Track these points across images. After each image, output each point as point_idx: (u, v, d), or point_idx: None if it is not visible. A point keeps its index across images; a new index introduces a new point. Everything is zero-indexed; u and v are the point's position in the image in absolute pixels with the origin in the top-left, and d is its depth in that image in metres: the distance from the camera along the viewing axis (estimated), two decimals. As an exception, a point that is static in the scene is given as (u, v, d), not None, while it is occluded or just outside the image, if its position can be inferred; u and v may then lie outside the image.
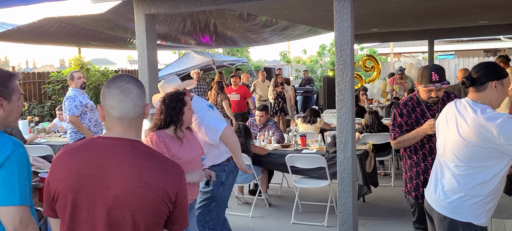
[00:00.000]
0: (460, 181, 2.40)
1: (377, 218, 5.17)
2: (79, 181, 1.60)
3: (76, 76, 5.66)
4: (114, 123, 1.68)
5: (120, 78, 1.69)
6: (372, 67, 13.46)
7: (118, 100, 1.66)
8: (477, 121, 2.34)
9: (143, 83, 4.88)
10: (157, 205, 1.62)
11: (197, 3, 4.51)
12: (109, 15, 6.96)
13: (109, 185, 1.59)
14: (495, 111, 2.39)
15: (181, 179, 1.70)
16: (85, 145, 1.68)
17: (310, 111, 7.06)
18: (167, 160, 1.72)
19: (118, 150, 1.63)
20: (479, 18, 8.18)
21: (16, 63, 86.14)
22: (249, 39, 10.76)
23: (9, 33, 7.81)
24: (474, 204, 2.38)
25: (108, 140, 1.66)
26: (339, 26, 3.98)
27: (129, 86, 1.68)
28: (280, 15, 7.31)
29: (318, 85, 15.99)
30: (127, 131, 1.68)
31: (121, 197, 1.59)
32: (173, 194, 1.65)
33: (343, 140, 4.06)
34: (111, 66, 26.47)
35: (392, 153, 6.42)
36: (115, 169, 1.60)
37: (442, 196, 2.48)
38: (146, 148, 1.70)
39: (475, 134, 2.32)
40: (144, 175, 1.61)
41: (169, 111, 3.07)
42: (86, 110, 5.61)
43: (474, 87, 2.44)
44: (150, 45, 4.87)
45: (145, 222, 1.62)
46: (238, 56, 19.15)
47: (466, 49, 18.91)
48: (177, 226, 1.72)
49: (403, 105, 3.34)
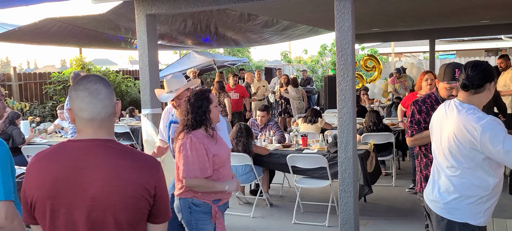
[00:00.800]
0: (454, 182, 2.40)
1: (378, 218, 5.17)
2: (54, 186, 1.59)
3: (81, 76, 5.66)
4: (84, 125, 1.66)
5: (87, 80, 1.68)
6: (373, 67, 13.45)
7: (87, 102, 1.64)
8: (461, 120, 2.35)
9: (144, 83, 4.89)
10: (137, 201, 1.62)
11: (198, 3, 4.51)
12: (110, 15, 6.97)
13: (86, 188, 1.59)
14: (481, 112, 2.38)
15: (159, 172, 1.70)
16: (57, 149, 1.66)
17: (311, 111, 7.05)
18: (142, 155, 1.73)
19: (92, 152, 1.62)
20: (480, 18, 8.17)
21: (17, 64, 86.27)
22: (250, 39, 10.76)
23: (10, 33, 7.82)
24: (470, 204, 2.38)
25: (80, 142, 1.65)
26: (340, 26, 3.97)
27: (97, 87, 1.66)
28: (281, 15, 7.31)
29: (319, 85, 15.98)
30: (98, 131, 1.66)
31: (99, 198, 1.59)
32: (152, 188, 1.65)
33: (344, 140, 4.05)
34: (112, 66, 26.47)
35: (394, 153, 6.42)
36: (90, 171, 1.59)
37: (438, 197, 2.49)
38: (120, 146, 1.69)
39: (460, 134, 2.32)
40: (120, 173, 1.61)
41: (196, 110, 2.98)
42: None
43: (472, 90, 2.41)
44: (151, 46, 4.87)
45: (127, 220, 1.62)
46: (239, 56, 19.16)
47: (467, 48, 18.89)
48: (160, 218, 1.73)
49: (422, 102, 3.32)
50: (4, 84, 10.56)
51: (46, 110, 11.10)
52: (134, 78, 13.71)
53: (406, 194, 5.93)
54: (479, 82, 2.39)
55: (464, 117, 2.34)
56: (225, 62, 15.49)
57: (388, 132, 6.34)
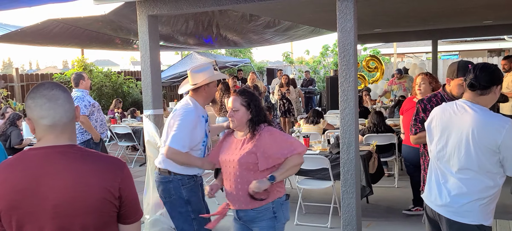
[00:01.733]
0: (468, 185, 2.37)
1: (380, 219, 5.15)
2: (16, 196, 1.58)
3: (86, 77, 5.75)
4: (45, 132, 1.65)
5: (43, 87, 1.66)
6: (375, 67, 13.43)
7: (47, 109, 1.63)
8: (481, 120, 2.32)
9: (146, 84, 4.88)
10: (102, 205, 1.61)
11: (200, 4, 4.51)
12: (112, 16, 6.97)
13: (47, 196, 1.57)
14: (498, 114, 2.40)
15: (123, 172, 1.68)
16: (17, 159, 1.65)
17: (313, 112, 7.04)
18: (105, 157, 1.70)
19: (52, 159, 1.61)
20: (483, 18, 8.14)
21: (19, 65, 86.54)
22: (252, 39, 10.76)
23: (12, 34, 7.84)
24: (482, 205, 2.37)
25: (40, 150, 1.63)
26: (342, 27, 3.96)
27: (54, 93, 1.65)
28: (283, 16, 7.30)
29: (321, 86, 15.97)
30: (60, 137, 1.65)
31: (62, 205, 1.58)
32: (115, 190, 1.64)
33: (346, 141, 4.04)
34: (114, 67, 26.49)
35: (396, 154, 6.39)
36: (51, 178, 1.58)
37: (450, 201, 2.44)
38: (81, 151, 1.67)
39: (481, 134, 2.30)
40: (82, 178, 1.59)
41: (255, 107, 2.87)
42: (94, 110, 5.66)
43: (478, 90, 2.40)
44: (153, 46, 4.87)
45: (94, 224, 1.61)
46: (241, 57, 19.16)
47: (470, 49, 18.85)
48: (130, 218, 1.72)
49: (427, 101, 3.34)
50: (6, 85, 10.58)
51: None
52: (136, 79, 13.72)
53: (409, 195, 5.91)
54: (486, 83, 2.38)
55: (484, 117, 2.33)
56: (227, 63, 15.49)
57: (391, 133, 6.32)
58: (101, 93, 12.26)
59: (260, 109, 2.87)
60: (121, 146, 8.80)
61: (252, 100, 2.86)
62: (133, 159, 8.61)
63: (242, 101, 2.84)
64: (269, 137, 2.80)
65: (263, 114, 2.88)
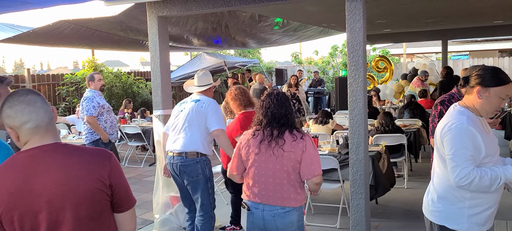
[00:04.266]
0: (436, 184, 2.40)
1: (390, 220, 5.12)
2: (11, 198, 1.63)
3: (96, 78, 5.80)
4: (30, 135, 1.69)
5: (17, 95, 1.71)
6: (384, 68, 13.37)
7: (28, 113, 1.68)
8: (442, 121, 2.34)
9: (156, 84, 4.92)
10: (94, 195, 1.68)
11: (209, 5, 4.53)
12: (122, 17, 7.03)
13: (40, 193, 1.63)
14: (463, 115, 2.26)
15: (111, 161, 1.74)
16: (8, 163, 1.70)
17: (322, 112, 7.03)
18: (91, 149, 1.77)
19: (41, 158, 1.67)
20: (494, 18, 8.07)
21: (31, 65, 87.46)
22: (261, 40, 10.76)
23: (24, 35, 7.93)
24: (451, 206, 2.33)
25: (28, 151, 1.69)
26: (351, 27, 3.96)
27: (31, 97, 1.70)
28: (292, 16, 7.30)
29: (330, 86, 15.92)
30: (44, 137, 1.71)
31: (55, 200, 1.64)
32: (105, 179, 1.70)
33: (356, 141, 4.03)
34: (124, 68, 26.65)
35: (405, 155, 6.36)
36: (41, 177, 1.64)
37: (426, 199, 2.51)
38: (66, 147, 1.73)
39: (439, 137, 2.32)
40: (71, 171, 1.66)
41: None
42: (103, 111, 5.70)
43: (464, 88, 2.37)
44: (162, 47, 4.90)
45: (88, 214, 1.68)
46: (250, 57, 19.18)
47: (481, 49, 18.66)
48: (124, 206, 1.79)
49: (448, 102, 3.32)
50: (18, 85, 10.71)
51: (59, 111, 11.23)
52: (145, 80, 13.80)
53: (419, 196, 5.88)
54: (468, 79, 2.32)
55: (447, 116, 2.34)
56: (236, 64, 15.51)
57: (400, 133, 6.29)
58: (111, 93, 12.36)
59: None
60: (131, 146, 8.86)
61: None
62: (142, 159, 8.66)
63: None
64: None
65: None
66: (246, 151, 2.78)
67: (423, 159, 7.70)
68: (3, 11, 4.19)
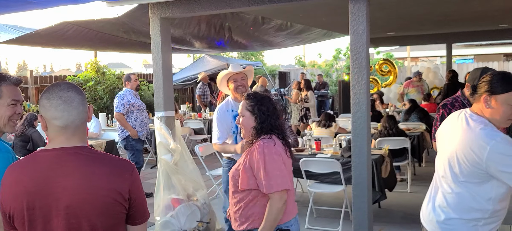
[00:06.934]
0: (449, 200, 2.22)
1: (392, 224, 5.08)
2: (28, 198, 1.60)
3: (133, 78, 6.25)
4: (57, 132, 1.66)
5: (59, 88, 1.67)
6: (388, 71, 13.32)
7: (61, 110, 1.64)
8: (468, 134, 2.12)
9: (158, 86, 4.90)
10: (112, 207, 1.63)
11: (212, 6, 4.51)
12: (124, 18, 7.02)
13: (58, 197, 1.59)
14: (492, 128, 2.11)
15: (132, 175, 1.69)
16: (29, 160, 1.66)
17: (325, 115, 7.01)
18: (115, 160, 1.71)
19: (63, 160, 1.62)
20: (499, 21, 8.02)
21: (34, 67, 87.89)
22: (264, 42, 10.74)
23: (27, 37, 7.93)
24: (464, 224, 2.19)
25: (51, 151, 1.65)
26: (354, 29, 3.92)
27: (70, 95, 1.66)
28: (295, 19, 7.28)
29: (333, 90, 15.89)
30: (71, 139, 1.66)
31: (73, 206, 1.59)
32: (125, 192, 1.65)
33: (358, 145, 3.99)
34: (127, 70, 26.76)
35: (409, 158, 6.31)
36: (62, 180, 1.60)
37: (431, 213, 2.32)
38: (92, 153, 1.68)
39: (464, 149, 2.11)
40: (92, 180, 1.61)
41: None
42: (133, 109, 6.10)
43: (472, 96, 2.23)
44: (164, 49, 4.88)
45: (103, 226, 1.63)
46: (253, 60, 19.18)
47: (486, 53, 18.61)
48: (139, 219, 1.75)
49: (451, 105, 3.28)
50: (21, 87, 10.73)
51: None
52: (148, 82, 13.81)
53: (422, 201, 5.83)
54: (476, 86, 2.18)
55: (473, 129, 2.11)
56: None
57: (404, 137, 6.24)
58: (113, 95, 12.36)
59: (267, 116, 2.53)
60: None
61: (258, 104, 2.56)
62: (144, 161, 8.65)
63: (247, 106, 2.59)
64: (258, 155, 2.44)
65: (269, 123, 2.52)
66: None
67: (426, 163, 7.64)
68: (5, 11, 4.18)
